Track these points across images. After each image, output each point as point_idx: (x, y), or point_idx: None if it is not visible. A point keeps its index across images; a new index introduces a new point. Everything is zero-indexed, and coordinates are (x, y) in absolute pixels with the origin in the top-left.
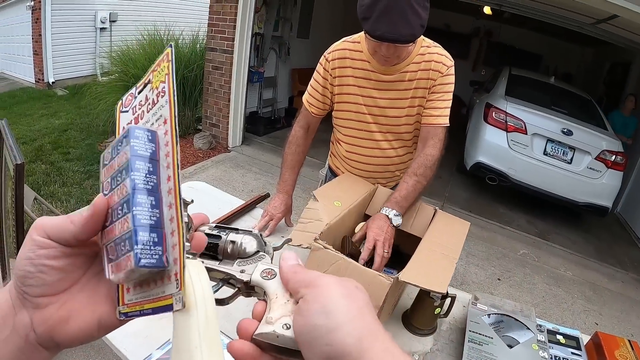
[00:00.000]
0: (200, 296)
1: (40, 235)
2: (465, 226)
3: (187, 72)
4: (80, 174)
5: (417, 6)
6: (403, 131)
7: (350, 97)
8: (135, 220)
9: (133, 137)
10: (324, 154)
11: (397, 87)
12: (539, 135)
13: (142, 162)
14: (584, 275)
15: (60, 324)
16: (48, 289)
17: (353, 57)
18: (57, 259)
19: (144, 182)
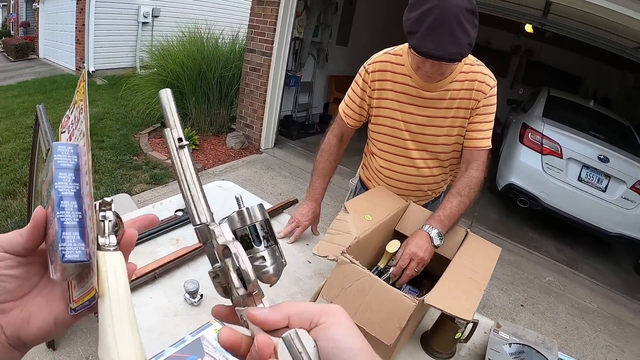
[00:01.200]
0: (113, 283)
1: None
2: (497, 251)
3: (224, 72)
4: (112, 163)
5: (466, 24)
6: (440, 151)
7: (388, 111)
8: (59, 223)
9: (56, 152)
10: (355, 163)
11: (437, 105)
12: (574, 160)
13: (65, 172)
14: (609, 308)
15: (23, 325)
16: (10, 296)
17: (394, 70)
18: (14, 269)
19: (67, 190)
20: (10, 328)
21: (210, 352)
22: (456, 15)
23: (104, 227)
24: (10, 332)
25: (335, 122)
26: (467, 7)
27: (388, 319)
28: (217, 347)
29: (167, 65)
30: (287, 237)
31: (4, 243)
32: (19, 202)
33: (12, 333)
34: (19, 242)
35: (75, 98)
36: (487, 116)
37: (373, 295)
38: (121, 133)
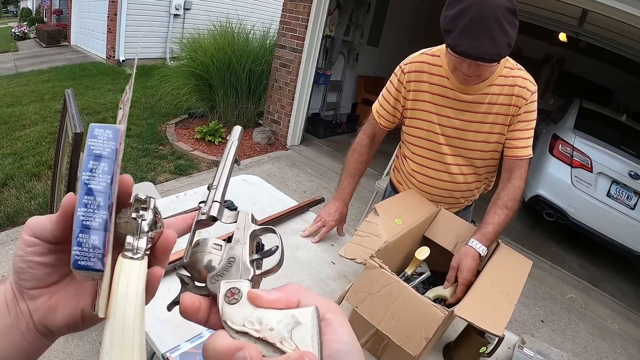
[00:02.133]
0: (121, 303)
1: (27, 234)
2: (528, 265)
3: (254, 66)
4: (137, 151)
5: (505, 23)
6: (476, 157)
7: (424, 114)
8: (78, 222)
9: (91, 136)
10: (381, 165)
11: (475, 109)
12: (604, 175)
13: (96, 161)
14: (630, 330)
15: (50, 313)
16: (38, 282)
17: (431, 71)
18: (43, 255)
19: (94, 182)
20: (37, 314)
21: None
22: (495, 14)
23: (137, 226)
24: (37, 319)
25: (368, 122)
26: (507, 6)
27: (415, 328)
28: None
29: (197, 57)
30: (312, 236)
31: (34, 228)
32: (44, 184)
33: (38, 319)
34: (49, 229)
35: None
36: (528, 123)
37: (401, 303)
38: (148, 122)
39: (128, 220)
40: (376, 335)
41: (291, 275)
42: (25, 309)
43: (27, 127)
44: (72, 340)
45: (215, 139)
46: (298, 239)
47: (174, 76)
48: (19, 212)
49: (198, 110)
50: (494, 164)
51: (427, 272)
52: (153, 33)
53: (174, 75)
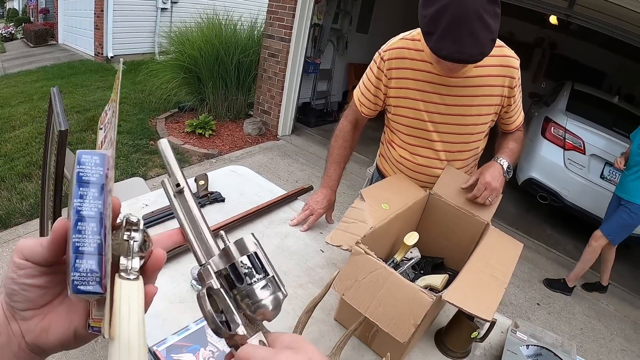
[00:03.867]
0: (125, 325)
1: (19, 257)
2: (518, 248)
3: (242, 57)
4: (128, 147)
5: (486, 16)
6: (465, 140)
7: (409, 101)
8: (73, 248)
9: (79, 162)
10: (372, 152)
11: (463, 92)
12: (597, 156)
13: (86, 188)
14: (626, 311)
15: (43, 334)
16: (31, 304)
17: (413, 57)
18: (35, 278)
19: (87, 209)
20: (30, 335)
21: (214, 341)
22: (475, 9)
23: (128, 247)
24: (30, 340)
25: (350, 108)
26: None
27: (403, 315)
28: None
29: (185, 51)
30: (300, 224)
31: (25, 250)
32: (35, 184)
33: (31, 340)
34: (40, 252)
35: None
36: (518, 96)
37: (388, 289)
38: (138, 118)
39: (120, 242)
40: (366, 322)
41: (280, 264)
42: (17, 330)
43: (16, 128)
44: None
45: (206, 131)
46: (286, 228)
47: (162, 70)
48: (10, 214)
49: (188, 103)
50: (482, 146)
51: (417, 255)
52: (140, 28)
53: (162, 69)
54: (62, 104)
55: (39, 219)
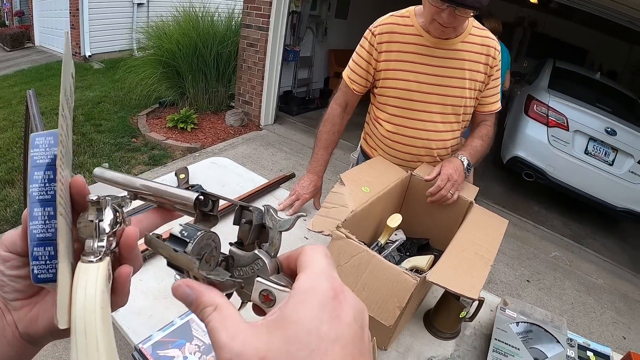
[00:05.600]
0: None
1: (3, 249)
2: (503, 224)
3: (221, 49)
4: (110, 146)
5: None
6: (451, 112)
7: (397, 73)
8: (31, 235)
9: (33, 146)
10: (357, 137)
11: (449, 65)
12: (581, 132)
13: (41, 171)
14: (615, 284)
15: (32, 323)
16: (20, 294)
17: (402, 31)
18: (20, 269)
19: (41, 193)
20: (21, 325)
21: (200, 335)
22: None
23: (95, 228)
24: (21, 329)
25: (339, 91)
26: None
27: (387, 298)
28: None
29: (163, 45)
30: (286, 210)
31: (7, 243)
32: (18, 190)
33: (23, 329)
34: (18, 244)
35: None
36: (497, 80)
37: (370, 273)
38: (119, 115)
39: (86, 223)
40: None
41: None
42: (11, 320)
43: None
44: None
45: (188, 125)
46: None
47: (141, 66)
48: None
49: (168, 98)
50: (467, 119)
51: (402, 237)
52: (117, 25)
53: (141, 65)
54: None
55: None
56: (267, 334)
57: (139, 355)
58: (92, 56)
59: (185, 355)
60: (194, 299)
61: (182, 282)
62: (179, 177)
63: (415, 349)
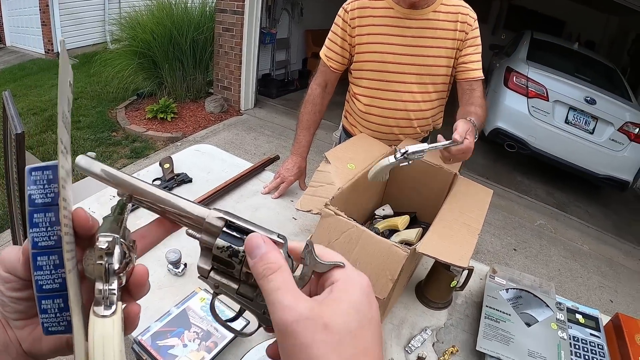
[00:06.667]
0: None
1: (2, 269)
2: (488, 194)
3: (196, 35)
4: (90, 142)
5: None
6: (429, 82)
7: (372, 46)
8: (37, 286)
9: (29, 182)
10: (338, 117)
11: (422, 34)
12: (561, 102)
13: (41, 213)
14: (600, 250)
15: (36, 343)
16: (22, 315)
17: (374, 6)
18: (21, 291)
19: (44, 239)
20: (25, 344)
21: (197, 322)
22: None
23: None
24: (25, 348)
25: (318, 71)
26: None
27: (379, 271)
28: (203, 317)
29: (137, 36)
30: (272, 192)
31: (7, 264)
32: (1, 194)
33: (27, 348)
34: (18, 269)
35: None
36: (477, 47)
37: (362, 247)
38: (97, 110)
39: (95, 264)
40: None
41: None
42: (14, 336)
43: None
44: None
45: (168, 115)
46: (257, 200)
47: (116, 59)
48: None
49: (146, 89)
50: (445, 89)
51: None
52: (89, 18)
53: (116, 58)
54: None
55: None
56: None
57: (138, 347)
58: None
59: (185, 342)
60: (264, 252)
61: (259, 234)
62: (163, 167)
63: (409, 321)
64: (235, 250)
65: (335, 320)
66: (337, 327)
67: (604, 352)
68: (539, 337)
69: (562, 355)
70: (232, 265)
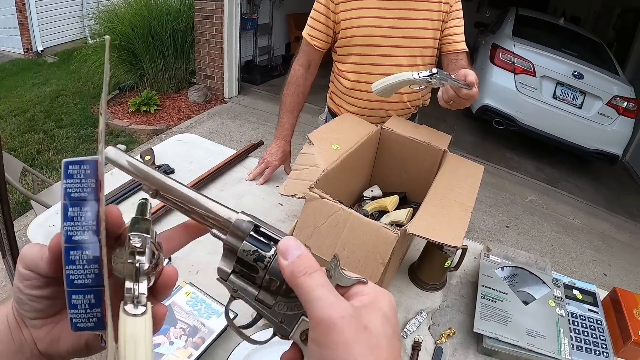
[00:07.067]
0: None
1: (23, 266)
2: (479, 170)
3: (176, 24)
4: (74, 139)
5: None
6: (417, 54)
7: (358, 20)
8: (68, 281)
9: (66, 176)
10: (323, 100)
11: (409, 7)
12: (548, 77)
13: (76, 207)
14: (592, 224)
15: (53, 344)
16: (40, 314)
17: None
18: (41, 289)
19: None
20: (41, 344)
21: (183, 318)
22: None
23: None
24: (41, 348)
25: (300, 51)
26: None
27: (369, 255)
28: (189, 312)
29: (116, 28)
30: (257, 178)
31: (28, 261)
32: None
33: (43, 349)
34: (41, 266)
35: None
36: (460, 20)
37: (350, 231)
38: (79, 107)
39: (125, 263)
40: None
41: None
42: (29, 337)
43: None
44: None
45: (151, 107)
46: (241, 187)
47: (96, 54)
48: None
49: (127, 82)
50: (432, 63)
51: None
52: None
53: (95, 52)
54: None
55: None
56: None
57: None
58: (44, 50)
59: (171, 340)
60: (303, 254)
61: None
62: (144, 159)
63: (404, 304)
64: (261, 255)
65: (374, 324)
66: (376, 330)
67: (603, 328)
68: (537, 315)
69: (561, 333)
70: (256, 270)
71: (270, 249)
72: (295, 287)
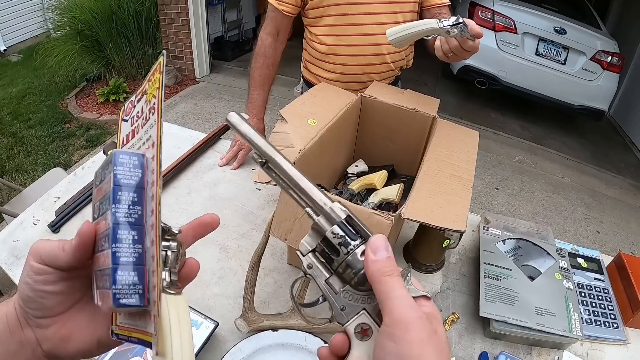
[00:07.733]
0: (177, 345)
1: (36, 261)
2: (475, 137)
3: (138, 6)
4: (44, 139)
5: None
6: (397, 10)
7: None
8: (114, 258)
9: (117, 164)
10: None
11: None
12: (530, 34)
13: (126, 192)
14: (581, 181)
15: (62, 343)
16: (48, 312)
17: None
18: (54, 284)
19: (126, 215)
20: (48, 344)
21: None
22: None
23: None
24: (47, 348)
25: (267, 18)
26: None
27: None
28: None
29: (76, 17)
30: (230, 163)
31: (43, 255)
32: None
33: (49, 349)
34: (61, 257)
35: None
36: None
37: None
38: (47, 104)
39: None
40: None
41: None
42: (32, 337)
43: None
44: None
45: (120, 96)
46: (215, 174)
47: (58, 47)
48: None
49: (94, 72)
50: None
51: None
52: (27, 9)
53: (57, 45)
54: None
55: None
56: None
57: None
58: (7, 50)
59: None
60: (390, 256)
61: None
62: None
63: None
64: (347, 241)
65: (441, 331)
66: (442, 336)
67: (610, 297)
68: (544, 291)
69: (570, 308)
70: (338, 252)
71: (356, 240)
72: (376, 283)
